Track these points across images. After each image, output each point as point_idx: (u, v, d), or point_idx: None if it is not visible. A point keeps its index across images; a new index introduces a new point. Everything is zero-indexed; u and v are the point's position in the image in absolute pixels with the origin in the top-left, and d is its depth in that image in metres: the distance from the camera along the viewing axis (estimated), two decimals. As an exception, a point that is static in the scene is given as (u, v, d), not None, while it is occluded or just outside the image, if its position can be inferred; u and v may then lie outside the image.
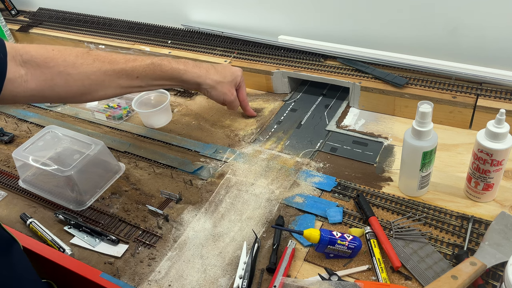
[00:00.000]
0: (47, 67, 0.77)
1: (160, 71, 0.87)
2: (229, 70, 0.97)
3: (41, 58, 0.76)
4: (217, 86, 0.94)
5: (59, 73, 0.78)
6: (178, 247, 0.77)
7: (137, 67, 0.85)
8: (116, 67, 0.83)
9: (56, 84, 0.78)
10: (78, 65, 0.79)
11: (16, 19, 1.58)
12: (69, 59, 0.79)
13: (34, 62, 0.76)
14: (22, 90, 0.75)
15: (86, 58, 0.81)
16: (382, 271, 0.67)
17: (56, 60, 0.78)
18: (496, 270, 0.65)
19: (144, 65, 0.85)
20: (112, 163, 0.93)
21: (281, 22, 1.17)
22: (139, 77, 0.85)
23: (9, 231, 0.66)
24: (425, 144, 0.71)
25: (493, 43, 0.94)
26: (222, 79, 0.95)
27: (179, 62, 0.90)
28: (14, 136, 1.10)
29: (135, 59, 0.85)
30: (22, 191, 0.93)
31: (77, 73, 0.79)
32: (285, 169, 0.89)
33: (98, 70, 0.81)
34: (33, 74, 0.75)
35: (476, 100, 0.89)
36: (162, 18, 1.34)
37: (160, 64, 0.87)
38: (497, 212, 0.73)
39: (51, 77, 0.77)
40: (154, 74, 0.86)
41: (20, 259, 0.66)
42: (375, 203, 0.79)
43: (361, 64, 1.03)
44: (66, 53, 0.80)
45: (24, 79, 0.74)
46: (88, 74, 0.80)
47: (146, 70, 0.85)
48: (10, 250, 0.64)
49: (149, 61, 0.86)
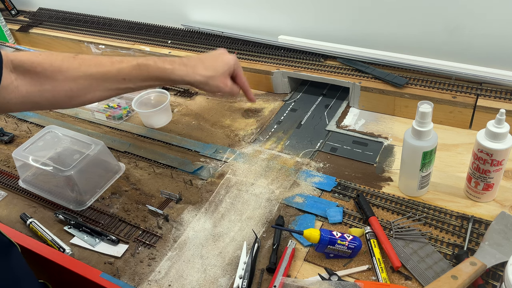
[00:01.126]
0: (35, 72, 0.77)
1: (147, 72, 0.85)
2: (221, 61, 0.92)
3: (28, 63, 0.76)
4: (209, 81, 0.89)
5: (47, 78, 0.78)
6: (178, 247, 0.77)
7: (123, 69, 0.83)
8: (102, 69, 0.82)
9: (45, 90, 0.78)
10: (64, 69, 0.79)
11: (16, 19, 1.58)
12: (56, 64, 0.79)
13: (23, 67, 0.76)
14: (14, 97, 0.75)
15: (72, 62, 0.80)
16: (382, 271, 0.67)
17: (42, 65, 0.78)
18: (496, 270, 0.65)
19: (130, 66, 0.84)
20: (112, 163, 0.93)
21: (281, 22, 1.17)
22: (126, 79, 0.84)
23: (8, 236, 0.66)
24: (425, 144, 0.71)
25: (493, 43, 0.94)
26: (212, 73, 0.90)
27: (165, 61, 0.87)
28: (14, 136, 1.10)
29: (121, 61, 0.84)
30: (22, 191, 0.93)
31: (63, 78, 0.79)
32: (285, 169, 0.89)
33: (84, 74, 0.80)
34: (23, 80, 0.75)
35: (476, 100, 0.89)
36: (162, 18, 1.34)
37: (146, 64, 0.85)
38: (497, 212, 0.73)
39: (39, 83, 0.77)
40: (141, 75, 0.85)
41: (18, 262, 0.66)
42: (375, 203, 0.79)
43: (361, 64, 1.03)
44: (53, 58, 0.79)
45: (15, 85, 0.74)
46: (74, 78, 0.80)
47: (133, 72, 0.84)
48: (9, 254, 0.64)
49: (135, 62, 0.84)
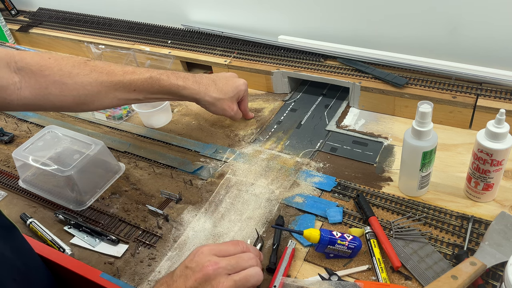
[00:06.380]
0: (42, 75, 0.76)
1: (158, 86, 0.85)
2: (232, 85, 0.93)
3: (36, 66, 0.75)
4: (216, 103, 0.91)
5: (54, 82, 0.77)
6: (178, 247, 0.77)
7: (135, 80, 0.83)
8: (114, 79, 0.81)
9: (51, 93, 0.77)
10: (74, 75, 0.78)
11: (16, 19, 1.58)
12: (65, 69, 0.78)
13: (29, 69, 0.74)
14: (15, 98, 0.74)
15: (82, 68, 0.79)
16: (382, 271, 0.67)
17: (51, 68, 0.77)
18: (496, 270, 0.65)
19: (143, 78, 0.83)
20: (112, 163, 0.93)
21: (281, 22, 1.17)
22: (136, 90, 0.83)
23: (10, 219, 0.66)
24: (425, 144, 0.71)
25: (493, 43, 0.94)
26: (222, 96, 0.91)
27: (178, 77, 0.87)
28: (14, 136, 1.10)
29: (133, 72, 0.84)
30: (22, 191, 0.93)
31: (72, 83, 0.78)
32: (285, 169, 0.89)
33: (94, 81, 0.80)
34: (27, 82, 0.74)
35: (476, 100, 0.89)
36: (162, 18, 1.34)
37: (158, 79, 0.85)
38: (497, 212, 0.73)
39: (45, 86, 0.76)
40: (152, 88, 0.85)
41: (22, 243, 0.66)
42: (375, 203, 0.79)
43: (361, 64, 1.03)
44: (63, 62, 0.78)
45: (17, 87, 0.73)
46: (84, 85, 0.79)
47: (144, 84, 0.84)
48: (13, 236, 0.64)
49: (148, 75, 0.84)
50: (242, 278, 0.59)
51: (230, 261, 0.60)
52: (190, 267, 0.59)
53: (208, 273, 0.57)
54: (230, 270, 0.59)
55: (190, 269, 0.59)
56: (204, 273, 0.57)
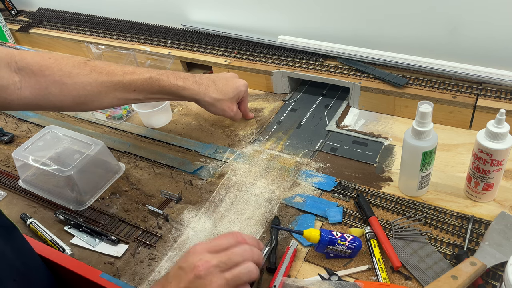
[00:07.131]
0: (43, 75, 0.76)
1: (158, 86, 0.85)
2: (232, 86, 0.93)
3: (36, 66, 0.75)
4: (216, 104, 0.91)
5: (54, 82, 0.77)
6: (178, 247, 0.77)
7: (134, 80, 0.83)
8: (113, 79, 0.81)
9: (51, 93, 0.77)
10: (74, 75, 0.78)
11: (16, 19, 1.58)
12: (65, 69, 0.78)
13: (29, 69, 0.75)
14: (16, 98, 0.74)
15: (82, 68, 0.80)
16: (382, 271, 0.67)
17: (51, 68, 0.77)
18: (496, 270, 0.65)
19: (142, 79, 0.83)
20: (112, 163, 0.93)
21: (281, 22, 1.17)
22: (136, 90, 0.83)
23: (10, 218, 0.66)
24: (425, 144, 0.71)
25: (493, 43, 0.94)
26: (222, 96, 0.91)
27: (178, 77, 0.87)
28: (14, 136, 1.10)
29: (133, 72, 0.84)
30: (22, 191, 0.93)
31: (72, 83, 0.78)
32: (285, 169, 0.89)
33: (94, 81, 0.80)
34: (28, 81, 0.75)
35: (476, 100, 0.89)
36: (162, 18, 1.34)
37: (158, 79, 0.85)
38: (497, 212, 0.73)
39: (45, 86, 0.76)
40: (151, 88, 0.85)
41: (22, 243, 0.66)
42: (375, 203, 0.79)
43: (361, 64, 1.03)
44: (63, 62, 0.79)
45: (17, 86, 0.74)
46: (84, 85, 0.79)
47: (144, 84, 0.84)
48: (13, 236, 0.64)
49: (148, 75, 0.84)
50: (234, 276, 0.58)
51: (222, 258, 0.58)
52: (182, 268, 0.58)
53: (200, 274, 0.56)
54: (223, 268, 0.58)
55: (182, 269, 0.58)
56: (195, 273, 0.57)
